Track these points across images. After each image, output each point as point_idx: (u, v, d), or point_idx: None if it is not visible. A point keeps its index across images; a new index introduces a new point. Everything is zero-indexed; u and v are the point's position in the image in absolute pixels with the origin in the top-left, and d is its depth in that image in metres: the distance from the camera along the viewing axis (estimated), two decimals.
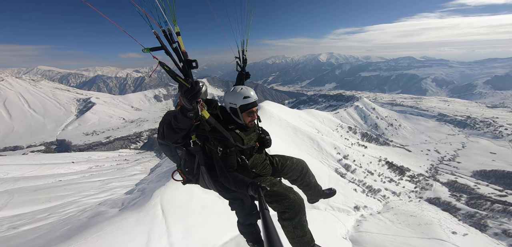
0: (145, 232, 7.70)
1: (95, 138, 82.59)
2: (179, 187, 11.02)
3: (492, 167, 49.42)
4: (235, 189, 1.96)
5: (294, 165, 2.46)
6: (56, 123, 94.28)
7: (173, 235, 7.94)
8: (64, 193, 20.58)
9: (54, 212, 13.51)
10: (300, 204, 2.07)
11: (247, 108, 2.11)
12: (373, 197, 35.79)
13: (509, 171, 46.40)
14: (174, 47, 1.81)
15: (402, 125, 77.19)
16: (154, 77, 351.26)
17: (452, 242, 19.29)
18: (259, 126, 2.42)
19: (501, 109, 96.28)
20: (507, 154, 55.85)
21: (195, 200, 10.31)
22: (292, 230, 2.07)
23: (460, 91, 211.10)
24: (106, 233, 7.34)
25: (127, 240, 7.19)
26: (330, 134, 56.51)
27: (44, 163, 35.73)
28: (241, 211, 2.28)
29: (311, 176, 2.58)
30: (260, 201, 1.58)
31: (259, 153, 2.27)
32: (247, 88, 2.18)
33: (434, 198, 38.44)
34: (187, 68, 1.92)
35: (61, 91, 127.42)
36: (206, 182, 2.20)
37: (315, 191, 2.62)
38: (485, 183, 44.86)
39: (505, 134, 66.70)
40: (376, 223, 25.45)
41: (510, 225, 30.97)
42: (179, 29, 1.82)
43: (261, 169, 2.25)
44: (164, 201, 9.78)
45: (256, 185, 1.76)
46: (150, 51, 1.68)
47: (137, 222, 8.27)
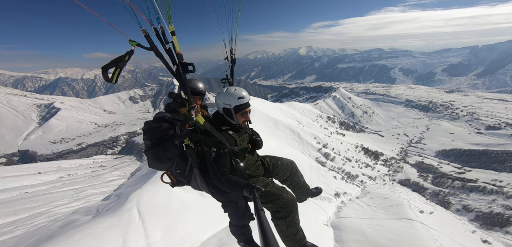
0: (120, 236, 7.56)
1: (64, 145, 75.35)
2: (157, 188, 10.91)
3: (451, 146, 55.60)
4: (229, 190, 1.95)
5: (284, 165, 2.51)
6: (15, 133, 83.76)
7: (151, 236, 7.88)
8: (32, 205, 18.80)
9: (22, 225, 12.41)
10: (293, 203, 2.12)
11: (242, 109, 2.12)
12: (352, 183, 38.37)
13: (465, 149, 52.74)
14: (168, 48, 1.64)
15: (375, 112, 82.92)
16: (128, 78, 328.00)
17: (420, 221, 21.44)
18: (250, 127, 2.43)
19: (457, 93, 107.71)
20: (463, 133, 63.12)
21: (175, 199, 10.17)
22: (285, 229, 2.11)
23: (423, 79, 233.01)
24: (75, 240, 7.07)
25: (99, 245, 7.01)
26: (310, 125, 58.72)
27: (5, 175, 31.94)
28: (235, 213, 2.26)
29: (300, 175, 2.63)
30: (255, 201, 1.56)
31: (251, 154, 2.29)
32: (240, 89, 2.16)
33: (405, 180, 42.40)
34: (181, 73, 1.76)
35: (17, 97, 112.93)
36: (199, 184, 2.17)
37: (303, 190, 2.68)
38: (446, 161, 50.44)
39: (461, 115, 75.05)
40: (354, 208, 27.28)
41: (469, 200, 35.39)
42: (174, 28, 1.65)
43: (253, 170, 2.26)
44: (140, 203, 9.59)
45: (250, 186, 1.75)
46: (138, 45, 1.49)
47: (111, 226, 8.08)
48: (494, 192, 36.99)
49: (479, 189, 38.17)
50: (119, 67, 1.44)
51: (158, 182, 11.27)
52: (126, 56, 1.45)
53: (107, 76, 1.42)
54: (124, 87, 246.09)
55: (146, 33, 1.49)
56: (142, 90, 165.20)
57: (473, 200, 36.32)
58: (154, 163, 2.06)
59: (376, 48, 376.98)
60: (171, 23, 1.61)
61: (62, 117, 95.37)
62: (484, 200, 35.90)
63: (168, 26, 1.60)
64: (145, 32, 1.48)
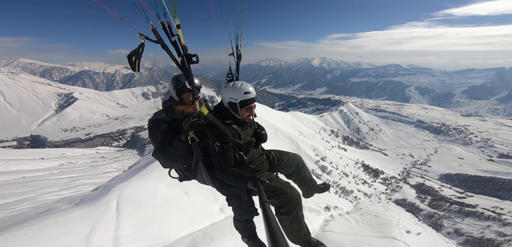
0: (88, 226, 7.55)
1: (73, 134, 79.47)
2: (143, 182, 10.96)
3: (458, 171, 52.90)
4: (234, 183, 1.95)
5: (290, 160, 2.46)
6: (32, 118, 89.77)
7: (122, 228, 7.85)
8: (23, 190, 19.72)
9: (6, 209, 12.92)
10: (297, 199, 2.09)
11: (247, 103, 2.10)
12: (345, 198, 37.22)
13: (471, 175, 49.88)
14: (173, 40, 1.72)
15: (383, 130, 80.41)
16: (144, 74, 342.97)
17: (404, 241, 20.63)
18: (254, 121, 2.42)
19: (474, 118, 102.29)
20: (474, 159, 59.85)
21: (159, 195, 10.20)
22: (289, 224, 2.08)
23: (440, 99, 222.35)
24: (41, 227, 7.12)
25: (63, 233, 7.03)
26: (311, 136, 58.00)
27: (9, 158, 34.16)
28: (239, 207, 2.26)
29: (307, 170, 2.58)
30: (260, 194, 1.56)
31: (256, 147, 2.28)
32: (247, 84, 2.15)
33: (401, 199, 40.62)
34: (186, 64, 1.83)
35: (42, 85, 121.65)
36: (204, 177, 2.19)
37: (310, 185, 2.62)
38: (448, 185, 48.02)
39: (474, 140, 71.30)
40: (342, 223, 26.51)
41: (462, 225, 33.76)
42: (179, 22, 1.71)
43: (258, 164, 2.25)
44: (122, 196, 9.62)
45: (255, 178, 1.75)
46: (146, 39, 1.61)
47: (83, 216, 8.12)
48: (491, 218, 35.54)
49: (476, 214, 36.80)
50: (137, 58, 1.62)
51: (144, 176, 11.50)
52: (140, 49, 1.62)
53: (133, 65, 1.63)
54: (140, 83, 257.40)
55: (153, 27, 1.59)
56: (155, 87, 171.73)
57: (467, 224, 35.23)
58: (167, 163, 2.13)
59: (393, 64, 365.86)
60: (176, 17, 1.69)
61: (78, 107, 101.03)
62: (478, 225, 34.74)
63: (174, 20, 1.68)
64: (152, 26, 1.59)
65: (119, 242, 7.65)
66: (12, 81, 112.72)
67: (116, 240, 7.56)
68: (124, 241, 7.80)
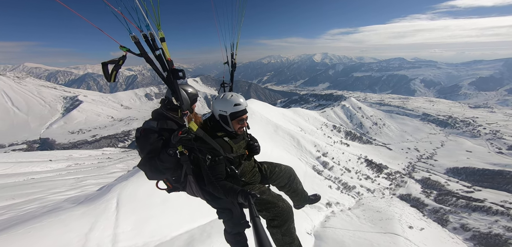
0: (88, 224, 7.65)
1: (80, 136, 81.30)
2: (142, 182, 10.80)
3: (465, 164, 51.62)
4: (225, 197, 1.91)
5: (282, 172, 2.44)
6: (40, 121, 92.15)
7: (120, 226, 7.91)
8: (32, 190, 20.26)
9: (14, 209, 13.36)
10: (289, 212, 2.07)
11: (238, 116, 2.05)
12: (347, 193, 37.01)
13: (479, 168, 48.64)
14: (158, 54, 1.63)
15: (387, 124, 79.25)
16: (147, 75, 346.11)
17: (405, 236, 20.39)
18: (247, 132, 2.38)
19: (483, 109, 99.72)
20: (482, 151, 58.31)
21: (157, 193, 10.17)
22: (280, 238, 2.07)
23: (446, 92, 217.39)
24: (43, 225, 7.20)
25: (64, 232, 7.12)
26: (313, 132, 57.66)
27: (20, 161, 35.07)
28: (230, 220, 2.23)
29: (298, 182, 2.57)
30: (250, 208, 1.54)
31: (248, 160, 2.24)
32: (237, 95, 2.10)
33: (406, 195, 40.08)
34: (172, 79, 1.74)
35: (48, 89, 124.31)
36: (194, 190, 2.16)
37: (301, 197, 2.62)
38: (455, 179, 46.98)
39: (483, 133, 69.41)
40: (343, 219, 26.45)
41: (469, 219, 32.99)
42: (163, 35, 1.63)
43: (250, 177, 2.22)
44: (122, 195, 9.70)
45: (246, 192, 1.72)
46: (128, 51, 1.52)
47: (84, 215, 8.19)
48: (499, 213, 34.53)
49: (484, 209, 35.83)
50: (115, 70, 1.54)
51: (144, 176, 11.69)
52: (120, 61, 1.55)
53: (107, 73, 1.54)
54: (142, 84, 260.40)
55: (136, 39, 1.52)
56: (158, 88, 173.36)
57: (474, 219, 34.30)
58: (153, 175, 2.07)
59: (397, 58, 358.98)
60: (160, 30, 1.62)
61: (83, 110, 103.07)
62: (486, 220, 33.82)
63: (158, 33, 1.61)
64: (135, 38, 1.52)
65: (118, 239, 7.85)
66: (18, 86, 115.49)
67: (115, 237, 7.70)
68: (122, 238, 7.98)
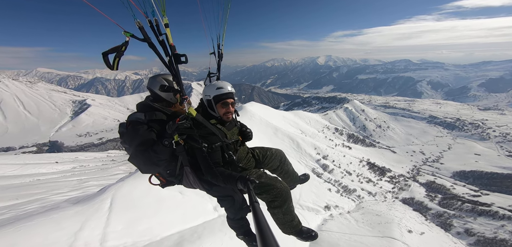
0: (79, 223, 7.65)
1: (87, 139, 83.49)
2: (138, 182, 10.94)
3: (473, 167, 50.10)
4: (224, 184, 1.90)
5: (274, 155, 2.50)
6: (50, 124, 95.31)
7: (111, 225, 7.93)
8: (36, 191, 21.04)
9: (16, 209, 13.93)
10: (287, 191, 2.12)
11: (221, 99, 2.05)
12: (348, 197, 36.51)
13: (487, 172, 47.09)
14: (161, 40, 1.67)
15: (391, 126, 77.93)
16: None
17: (403, 240, 19.91)
18: (237, 120, 2.42)
19: (492, 111, 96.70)
20: (491, 155, 56.43)
21: (153, 194, 10.23)
22: (282, 217, 2.13)
23: (455, 94, 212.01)
24: (34, 224, 7.26)
25: (54, 230, 7.10)
26: (314, 135, 57.30)
27: (27, 162, 36.43)
28: (231, 206, 2.23)
29: (289, 164, 2.65)
30: (249, 194, 1.55)
31: (242, 146, 2.30)
32: (222, 81, 2.15)
33: (409, 198, 39.17)
34: (174, 64, 1.77)
35: (58, 93, 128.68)
36: (191, 181, 2.12)
37: (292, 177, 2.70)
38: (462, 183, 45.54)
39: (492, 135, 67.34)
40: (341, 222, 26.08)
41: (474, 224, 31.85)
42: (167, 21, 1.66)
43: (245, 163, 2.26)
44: (117, 195, 9.68)
45: (245, 178, 1.73)
46: (132, 36, 1.55)
47: (76, 214, 8.22)
48: (506, 218, 33.08)
49: (490, 214, 34.41)
50: (117, 56, 1.53)
51: (140, 176, 11.35)
52: (123, 47, 1.55)
53: (109, 63, 1.53)
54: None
55: (140, 25, 1.55)
56: None
57: (480, 224, 33.02)
58: (148, 168, 1.98)
59: (402, 59, 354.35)
60: (165, 16, 1.64)
61: (91, 113, 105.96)
62: (492, 225, 32.51)
63: (162, 18, 1.63)
64: (139, 24, 1.54)
65: (106, 238, 8.09)
66: (30, 90, 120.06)
67: (104, 236, 7.96)
68: (111, 237, 8.22)
